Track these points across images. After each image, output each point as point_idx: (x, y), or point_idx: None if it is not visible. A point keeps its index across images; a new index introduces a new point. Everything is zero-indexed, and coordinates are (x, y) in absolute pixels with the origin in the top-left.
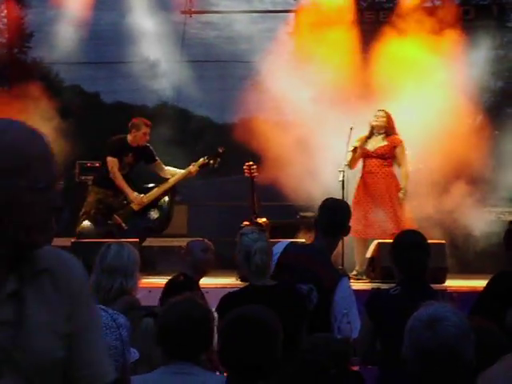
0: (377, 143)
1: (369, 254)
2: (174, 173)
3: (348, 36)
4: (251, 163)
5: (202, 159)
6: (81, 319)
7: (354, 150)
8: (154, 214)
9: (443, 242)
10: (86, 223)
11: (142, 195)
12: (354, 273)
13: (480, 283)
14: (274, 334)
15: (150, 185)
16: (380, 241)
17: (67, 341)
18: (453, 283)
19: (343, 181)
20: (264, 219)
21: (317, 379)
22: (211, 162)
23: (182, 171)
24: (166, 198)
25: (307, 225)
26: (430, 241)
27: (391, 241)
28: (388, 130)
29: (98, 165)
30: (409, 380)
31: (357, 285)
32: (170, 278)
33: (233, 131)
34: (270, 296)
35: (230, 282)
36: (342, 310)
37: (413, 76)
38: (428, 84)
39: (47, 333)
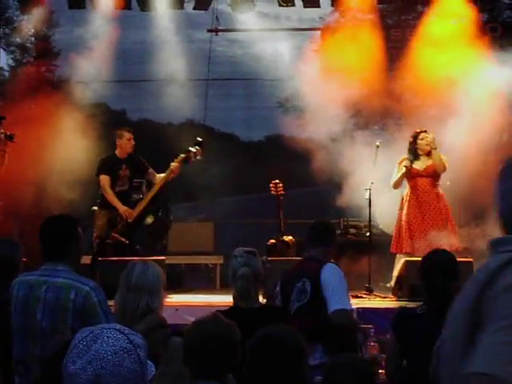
0: (423, 163)
1: (396, 272)
2: (161, 177)
3: (374, 53)
4: (277, 181)
5: (181, 154)
6: None
7: (407, 170)
8: (149, 220)
9: (471, 260)
10: None
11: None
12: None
13: None
14: (300, 353)
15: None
16: (408, 259)
17: None
18: None
19: (369, 199)
20: (290, 237)
21: None
22: (191, 154)
23: (166, 173)
24: (156, 203)
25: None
26: (458, 259)
27: (419, 259)
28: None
29: None
30: None
31: (383, 303)
32: None
33: (259, 149)
34: (255, 317)
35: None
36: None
37: (441, 91)
38: (458, 98)
39: None
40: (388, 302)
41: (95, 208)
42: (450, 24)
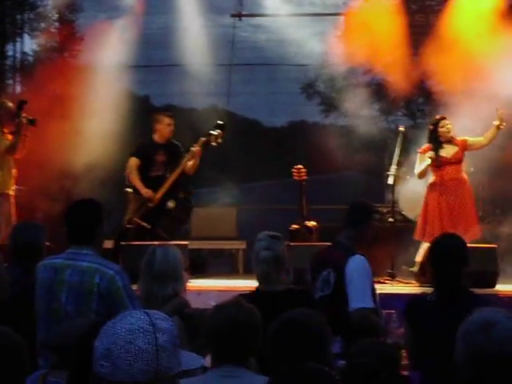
0: (450, 150)
1: (419, 258)
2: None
3: (398, 39)
4: (300, 166)
5: (202, 138)
6: None
7: (432, 159)
8: (171, 204)
9: (494, 246)
10: None
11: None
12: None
13: None
14: (323, 337)
15: None
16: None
17: None
18: (504, 288)
19: (393, 184)
20: (313, 222)
21: (366, 383)
22: (212, 137)
23: (187, 157)
24: (178, 186)
25: None
26: (481, 245)
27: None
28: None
29: None
30: None
31: (406, 289)
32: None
33: (282, 134)
34: (277, 300)
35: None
36: (349, 283)
37: (466, 76)
38: (483, 87)
39: None
40: (411, 288)
41: (129, 190)
42: (475, 7)
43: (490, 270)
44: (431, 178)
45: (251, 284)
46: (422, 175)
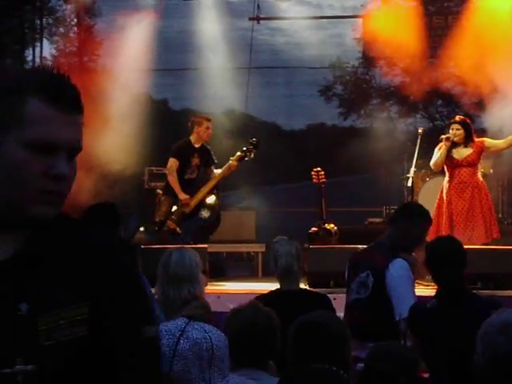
0: (463, 151)
1: None
2: (217, 173)
3: (416, 41)
4: (319, 169)
5: (239, 153)
6: None
7: (447, 139)
8: (205, 214)
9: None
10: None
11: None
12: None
13: None
14: (342, 338)
15: None
16: None
17: None
18: None
19: (412, 186)
20: (332, 225)
21: None
22: (248, 153)
23: (223, 168)
24: (214, 197)
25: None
26: (500, 247)
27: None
28: (468, 138)
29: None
30: None
31: (426, 291)
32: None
33: (300, 137)
34: (297, 300)
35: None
36: (394, 290)
37: (484, 78)
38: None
39: None
40: (431, 290)
41: (159, 191)
42: (494, 9)
43: (508, 272)
44: (445, 179)
45: (270, 287)
46: (437, 165)
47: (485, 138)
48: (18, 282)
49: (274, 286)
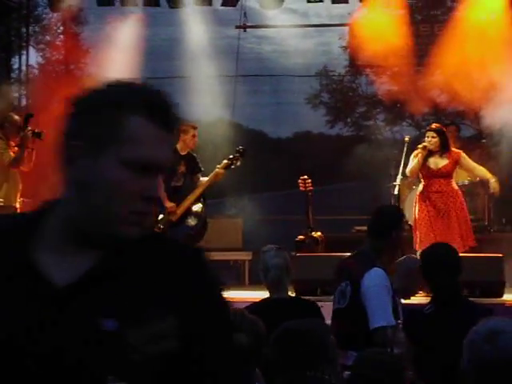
0: (439, 162)
1: None
2: (203, 181)
3: (403, 49)
4: (306, 177)
5: (225, 160)
6: None
7: (424, 148)
8: (192, 222)
9: (500, 255)
10: None
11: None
12: None
13: None
14: (325, 347)
15: None
16: None
17: None
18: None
19: (398, 194)
20: (319, 233)
21: None
22: (234, 161)
23: (210, 176)
24: (200, 205)
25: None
26: (486, 254)
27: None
28: (443, 147)
29: None
30: None
31: (413, 299)
32: None
33: (287, 145)
34: (287, 308)
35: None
36: (368, 300)
37: (470, 87)
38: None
39: None
40: (418, 298)
41: None
42: (481, 18)
43: (497, 279)
44: (420, 187)
45: (257, 295)
46: (412, 172)
47: (462, 153)
48: (100, 298)
49: (261, 293)
